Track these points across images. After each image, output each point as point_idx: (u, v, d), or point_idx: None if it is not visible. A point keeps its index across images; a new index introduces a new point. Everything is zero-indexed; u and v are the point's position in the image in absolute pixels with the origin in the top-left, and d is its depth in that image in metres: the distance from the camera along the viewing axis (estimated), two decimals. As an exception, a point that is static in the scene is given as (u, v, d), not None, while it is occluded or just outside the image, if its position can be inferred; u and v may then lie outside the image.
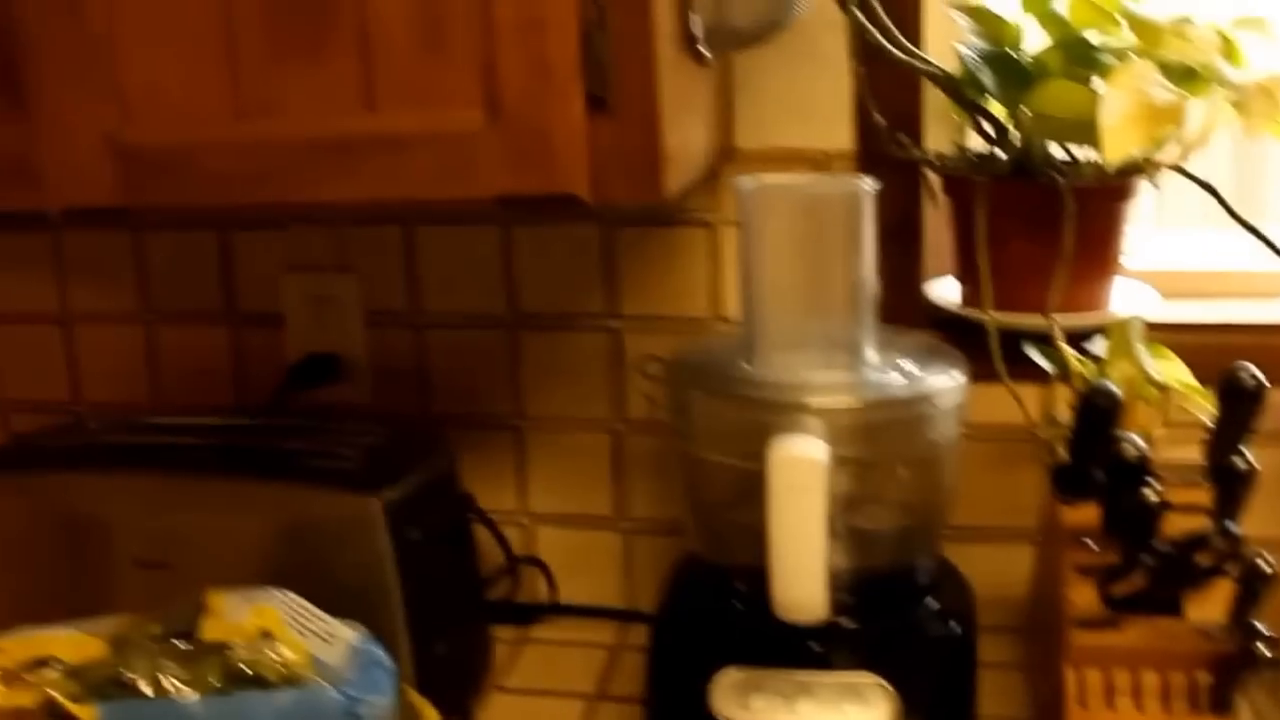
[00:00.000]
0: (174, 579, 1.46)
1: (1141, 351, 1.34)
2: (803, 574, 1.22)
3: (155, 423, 1.66)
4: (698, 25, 1.25)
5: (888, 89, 1.47)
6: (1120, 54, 1.39)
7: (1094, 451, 1.26)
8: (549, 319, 1.72)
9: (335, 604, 1.30)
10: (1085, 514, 1.31)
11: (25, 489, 1.56)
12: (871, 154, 1.56)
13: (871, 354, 1.31)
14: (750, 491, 1.25)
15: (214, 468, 1.51)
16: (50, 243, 1.87)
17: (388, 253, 1.74)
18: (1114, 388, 1.25)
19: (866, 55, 1.42)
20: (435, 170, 1.16)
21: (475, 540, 1.63)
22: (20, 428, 1.95)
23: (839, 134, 1.59)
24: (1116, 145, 1.26)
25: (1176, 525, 1.23)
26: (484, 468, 1.74)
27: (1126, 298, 1.54)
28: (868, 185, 1.26)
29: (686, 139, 1.27)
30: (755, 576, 1.26)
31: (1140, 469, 1.22)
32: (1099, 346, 1.41)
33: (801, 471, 1.19)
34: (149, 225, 1.79)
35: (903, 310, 1.55)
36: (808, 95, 1.58)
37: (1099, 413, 1.24)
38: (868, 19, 1.39)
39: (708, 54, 1.28)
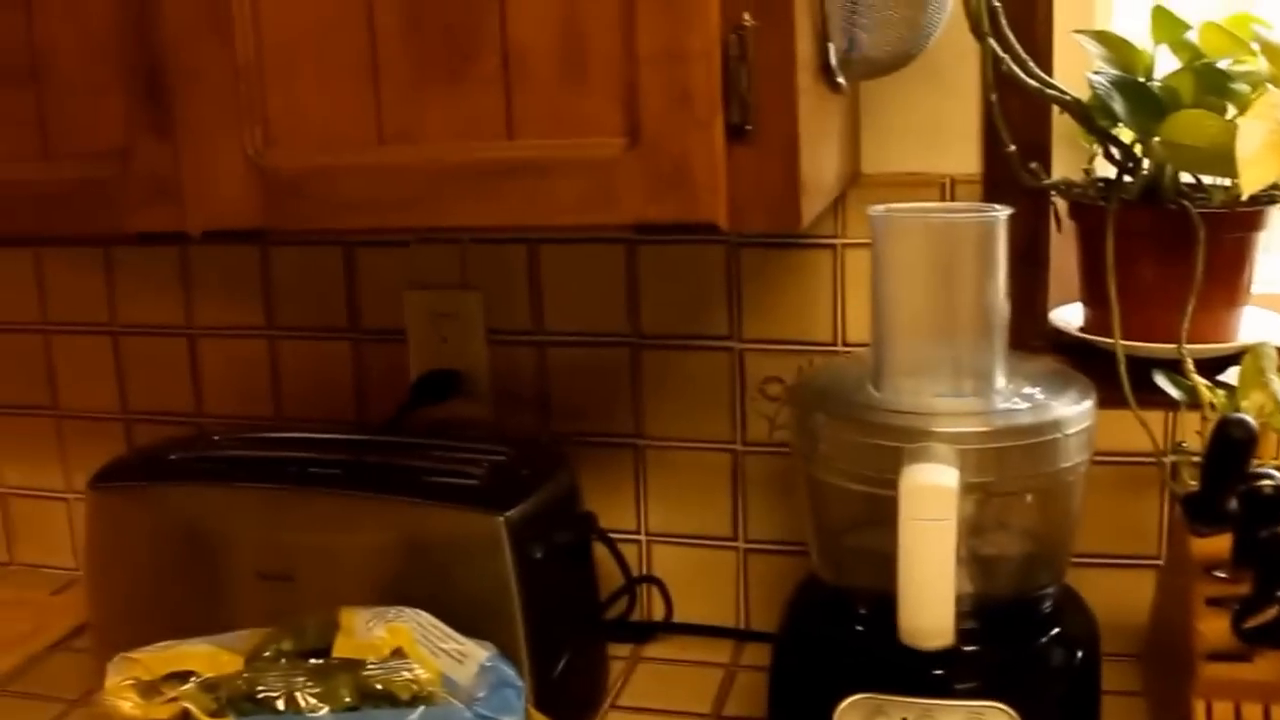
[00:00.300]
0: (296, 592, 1.48)
1: (1274, 381, 1.33)
2: (930, 601, 1.22)
3: (278, 436, 1.69)
4: (833, 54, 1.25)
5: (1017, 115, 1.46)
6: (1254, 81, 1.38)
7: (1227, 482, 1.24)
8: (671, 338, 1.72)
9: (456, 621, 1.33)
10: (1214, 544, 1.29)
11: (149, 500, 1.59)
12: (997, 179, 1.55)
13: (1000, 380, 1.30)
14: (875, 515, 1.26)
15: (338, 483, 1.52)
16: (178, 257, 1.90)
17: (511, 270, 1.75)
18: (1250, 419, 1.23)
19: (998, 82, 1.41)
20: (575, 197, 1.17)
21: (594, 558, 1.62)
22: (143, 439, 1.98)
23: (965, 159, 1.59)
24: (1254, 176, 1.25)
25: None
26: (602, 486, 1.75)
27: (1256, 326, 1.52)
28: (1000, 213, 1.25)
29: (821, 167, 1.28)
30: (878, 600, 1.27)
31: (1276, 502, 1.20)
32: (1228, 375, 1.39)
33: (932, 499, 1.19)
34: (275, 241, 1.81)
35: (1027, 335, 1.55)
36: (934, 120, 1.59)
37: (1233, 444, 1.23)
38: (1001, 46, 1.39)
39: (844, 83, 1.28)
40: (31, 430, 2.08)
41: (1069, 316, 1.61)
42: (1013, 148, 1.44)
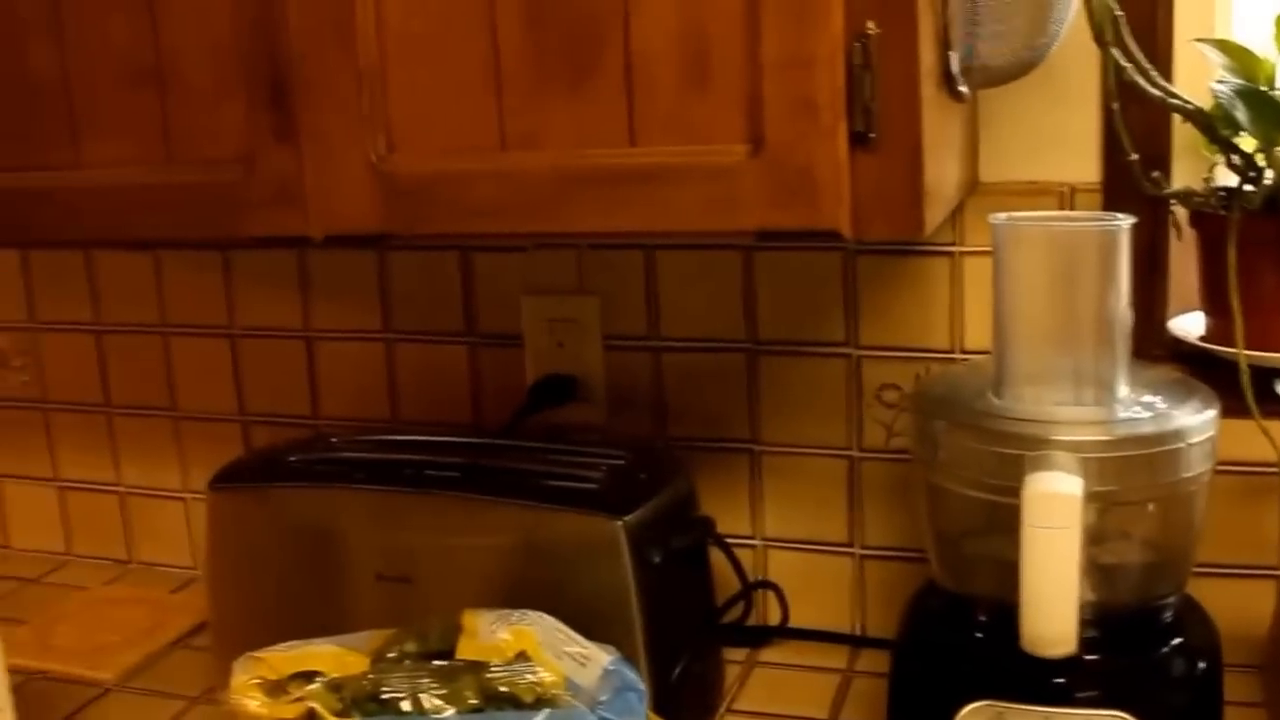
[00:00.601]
0: (415, 594, 1.50)
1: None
2: (1053, 608, 1.21)
3: (395, 439, 1.71)
4: (955, 63, 1.24)
5: (1138, 124, 1.45)
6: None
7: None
8: (787, 344, 1.72)
9: (574, 625, 1.33)
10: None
11: (268, 501, 1.61)
12: (1116, 188, 1.55)
13: (1123, 389, 1.29)
14: (995, 522, 1.26)
15: (456, 485, 1.53)
16: (296, 261, 1.93)
17: (628, 276, 1.76)
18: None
19: (1120, 91, 1.40)
20: (697, 204, 1.17)
21: (710, 562, 1.62)
22: (260, 440, 2.02)
23: (1084, 168, 1.58)
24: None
25: None
26: (718, 491, 1.75)
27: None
28: (1123, 222, 1.24)
29: (942, 175, 1.27)
30: (998, 607, 1.26)
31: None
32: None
33: (1056, 507, 1.18)
34: (394, 246, 1.83)
35: (1147, 344, 1.53)
36: (1053, 129, 1.58)
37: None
38: (1123, 55, 1.38)
39: (965, 91, 1.27)
40: (150, 431, 2.12)
41: (1189, 325, 1.59)
42: (1135, 156, 1.43)
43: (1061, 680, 1.27)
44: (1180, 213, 1.55)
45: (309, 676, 1.22)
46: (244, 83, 1.31)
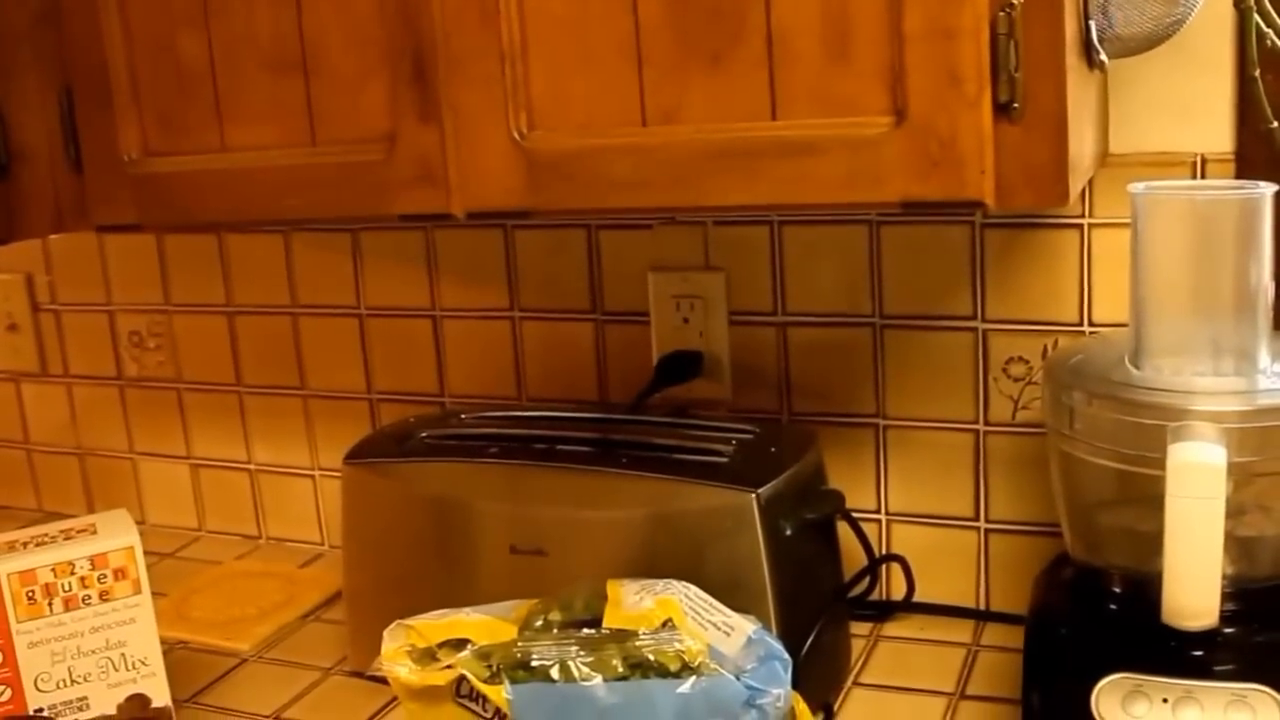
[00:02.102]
0: (548, 567, 1.51)
1: None
2: (1196, 580, 1.21)
3: (525, 415, 1.74)
4: (1094, 32, 1.24)
5: (1275, 91, 1.43)
6: None
7: None
8: (914, 319, 1.73)
9: (707, 596, 1.33)
10: None
11: (402, 477, 1.64)
12: (1250, 157, 1.53)
13: (1265, 360, 1.28)
14: (1132, 493, 1.27)
15: (588, 460, 1.55)
16: (424, 241, 1.95)
17: (754, 251, 1.77)
18: None
19: (1261, 59, 1.39)
20: (840, 176, 1.18)
21: (838, 536, 1.63)
22: (387, 418, 2.04)
23: (1217, 137, 1.56)
24: None
25: None
26: (843, 465, 1.76)
27: None
28: (1267, 190, 1.24)
29: (1083, 144, 1.27)
30: (1134, 579, 1.27)
31: None
32: None
33: (1201, 477, 1.18)
34: (530, 223, 1.84)
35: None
36: (1184, 97, 1.56)
37: None
38: (1264, 21, 1.37)
39: (1105, 60, 1.27)
40: (281, 409, 2.16)
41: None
42: (1275, 124, 1.41)
43: (1200, 653, 1.26)
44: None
45: (459, 644, 1.24)
46: (387, 64, 1.34)
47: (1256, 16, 1.35)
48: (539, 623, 1.27)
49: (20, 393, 2.41)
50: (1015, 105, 1.13)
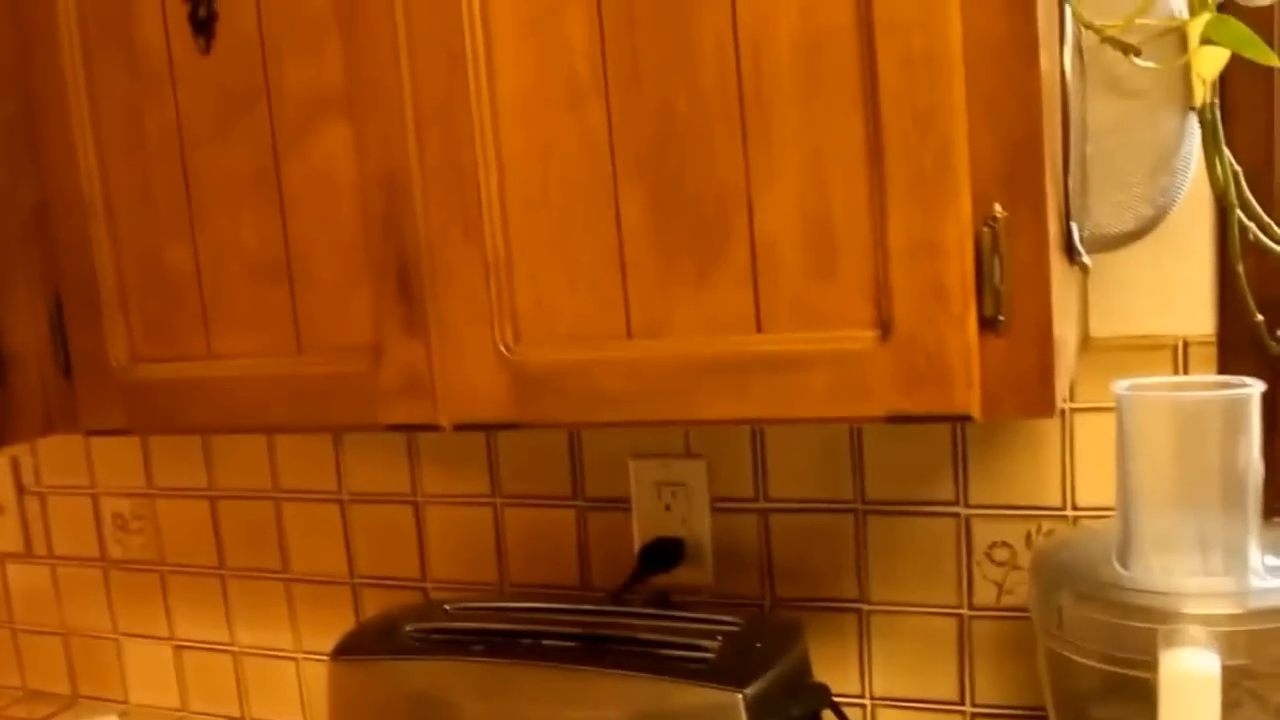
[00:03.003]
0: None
1: None
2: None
3: (508, 607, 1.71)
4: (1077, 232, 1.26)
5: (1254, 277, 1.44)
6: None
7: None
8: (896, 504, 1.72)
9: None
10: None
11: (389, 674, 1.61)
12: (1232, 341, 1.54)
13: (1255, 556, 1.28)
14: (1122, 693, 1.26)
15: (574, 658, 1.53)
16: (405, 427, 1.94)
17: (734, 438, 1.77)
18: None
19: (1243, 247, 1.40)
20: (826, 390, 1.19)
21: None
22: (370, 603, 2.04)
23: (1198, 320, 1.57)
24: None
25: None
26: (827, 649, 1.76)
27: None
28: (1253, 389, 1.24)
29: (1067, 345, 1.28)
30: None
31: None
32: None
33: (1194, 687, 1.17)
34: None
35: (1272, 503, 1.51)
36: (1165, 281, 1.57)
37: None
38: (1245, 214, 1.38)
39: (1088, 262, 1.28)
40: (264, 593, 2.15)
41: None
42: (1260, 318, 1.42)
43: None
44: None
45: None
46: (372, 275, 1.35)
47: (1239, 211, 1.36)
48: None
49: (5, 573, 2.42)
50: (1001, 318, 1.12)
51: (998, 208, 1.12)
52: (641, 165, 1.24)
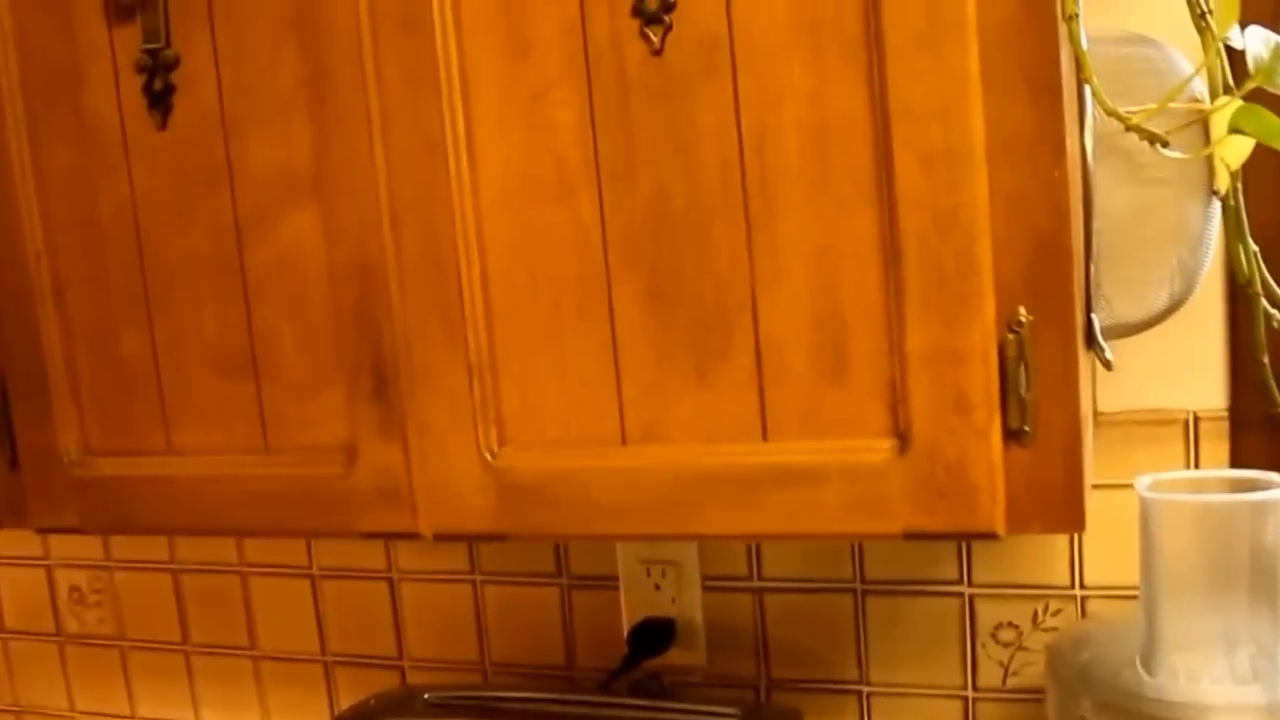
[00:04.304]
0: None
1: None
2: None
3: (493, 696, 1.64)
4: (1098, 325, 1.18)
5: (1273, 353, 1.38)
6: None
7: None
8: (897, 584, 1.66)
9: None
10: None
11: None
12: (1244, 416, 1.48)
13: (1283, 657, 1.21)
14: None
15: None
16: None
17: (728, 517, 1.69)
18: None
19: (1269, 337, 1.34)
20: (839, 505, 1.11)
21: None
22: (343, 681, 1.96)
23: (1210, 394, 1.51)
24: None
25: None
26: (826, 735, 1.66)
27: None
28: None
29: (1090, 449, 1.20)
30: None
31: None
32: None
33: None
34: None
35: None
36: (1176, 355, 1.52)
37: None
38: (1267, 298, 1.31)
39: (1110, 358, 1.20)
40: (230, 671, 2.06)
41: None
42: (1278, 390, 1.35)
43: None
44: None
45: None
46: (344, 372, 1.26)
47: (1264, 301, 1.28)
48: None
49: (-45, 647, 2.30)
50: (1026, 429, 1.04)
51: (1022, 311, 1.04)
52: (636, 259, 1.15)
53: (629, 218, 1.16)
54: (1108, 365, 1.22)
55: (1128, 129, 1.14)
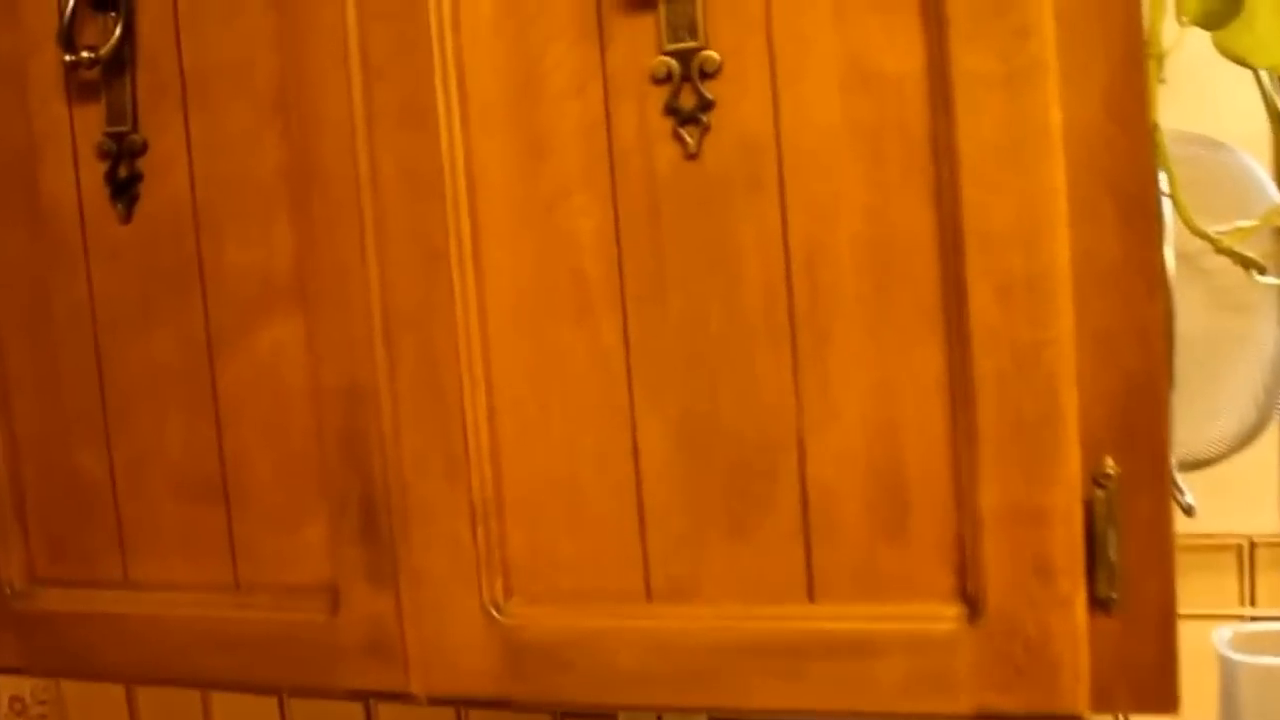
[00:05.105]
0: None
1: None
2: None
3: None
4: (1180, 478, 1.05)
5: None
6: None
7: None
8: None
9: None
10: None
11: None
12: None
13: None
14: None
15: None
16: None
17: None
18: None
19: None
20: (900, 681, 0.97)
21: None
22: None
23: (1265, 519, 1.44)
24: None
25: None
26: None
27: None
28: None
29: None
30: None
31: None
32: None
33: None
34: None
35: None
36: (1230, 481, 1.38)
37: None
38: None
39: (1192, 502, 1.07)
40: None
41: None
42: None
43: None
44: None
45: None
46: (327, 505, 1.12)
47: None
48: None
49: (-115, 764, 2.13)
50: (1114, 597, 0.90)
51: (1110, 463, 0.90)
52: (665, 390, 1.01)
53: (657, 343, 1.02)
54: (1188, 511, 1.09)
55: (1218, 251, 1.02)
